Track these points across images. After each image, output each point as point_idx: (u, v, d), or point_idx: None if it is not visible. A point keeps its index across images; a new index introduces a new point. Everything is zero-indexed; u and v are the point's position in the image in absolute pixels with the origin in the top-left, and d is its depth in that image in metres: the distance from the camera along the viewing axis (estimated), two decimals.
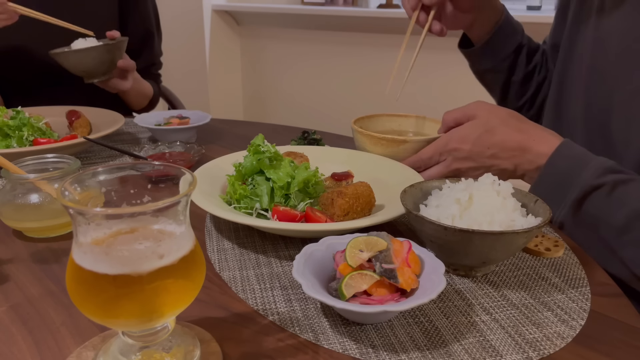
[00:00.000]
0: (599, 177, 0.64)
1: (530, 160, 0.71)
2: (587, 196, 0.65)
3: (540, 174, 0.69)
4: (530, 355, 0.49)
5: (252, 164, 0.72)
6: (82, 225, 0.40)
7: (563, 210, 0.67)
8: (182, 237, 0.42)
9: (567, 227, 0.68)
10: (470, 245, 0.56)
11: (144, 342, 0.44)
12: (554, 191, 0.68)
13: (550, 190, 0.68)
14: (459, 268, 0.61)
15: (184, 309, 0.44)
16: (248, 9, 3.15)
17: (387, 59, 2.81)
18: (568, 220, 0.67)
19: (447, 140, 0.75)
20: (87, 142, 0.95)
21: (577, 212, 0.66)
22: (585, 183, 0.64)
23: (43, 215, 0.68)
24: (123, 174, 0.46)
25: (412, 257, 0.53)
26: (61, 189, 0.40)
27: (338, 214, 0.68)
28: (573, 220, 0.67)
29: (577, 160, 0.67)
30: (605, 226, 0.64)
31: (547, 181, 0.68)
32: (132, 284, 0.39)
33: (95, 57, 1.15)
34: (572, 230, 0.68)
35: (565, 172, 0.67)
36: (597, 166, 0.65)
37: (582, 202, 0.65)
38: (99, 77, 1.20)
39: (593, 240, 0.67)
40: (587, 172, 0.65)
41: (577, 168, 0.67)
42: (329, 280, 0.54)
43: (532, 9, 2.49)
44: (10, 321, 0.52)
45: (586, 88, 0.82)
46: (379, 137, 0.83)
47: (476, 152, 0.73)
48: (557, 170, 0.68)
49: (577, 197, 0.65)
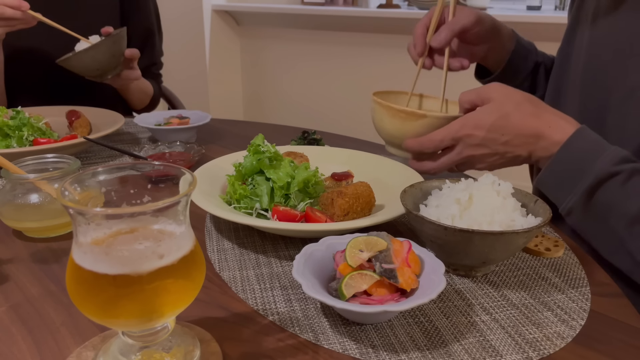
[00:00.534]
0: (615, 164, 0.63)
1: (544, 147, 0.70)
2: (602, 183, 0.64)
3: (553, 160, 0.68)
4: (530, 355, 0.49)
5: (252, 164, 0.72)
6: (82, 225, 0.40)
7: (574, 197, 0.66)
8: (182, 237, 0.42)
9: (575, 215, 0.67)
10: (470, 245, 0.56)
11: (144, 342, 0.44)
12: (566, 177, 0.67)
13: (562, 176, 0.67)
14: (459, 268, 0.61)
15: (184, 309, 0.44)
16: (248, 9, 3.15)
17: (387, 59, 2.81)
18: (578, 208, 0.66)
19: (460, 126, 0.73)
20: (87, 142, 0.95)
21: (589, 200, 0.65)
22: (601, 170, 0.64)
23: (43, 215, 0.68)
24: (123, 174, 0.46)
25: (412, 257, 0.53)
26: (61, 189, 0.40)
27: (338, 214, 0.68)
28: (583, 208, 0.66)
29: (593, 147, 0.66)
30: (617, 215, 0.63)
31: (559, 167, 0.68)
32: (132, 284, 0.39)
33: (105, 51, 1.14)
34: (579, 218, 0.67)
35: (580, 159, 0.66)
36: (614, 154, 0.64)
37: (596, 190, 0.64)
38: (111, 72, 1.20)
39: (600, 230, 0.66)
40: (604, 160, 0.64)
41: (593, 155, 0.66)
42: (329, 280, 0.54)
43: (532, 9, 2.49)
44: (10, 321, 0.52)
45: (582, 88, 0.82)
46: (398, 109, 0.79)
47: (490, 138, 0.71)
48: (571, 156, 0.67)
49: (592, 184, 0.64)
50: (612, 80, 0.76)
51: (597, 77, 0.79)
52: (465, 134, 0.72)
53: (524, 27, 2.00)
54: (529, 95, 0.73)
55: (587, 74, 0.81)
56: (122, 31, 1.18)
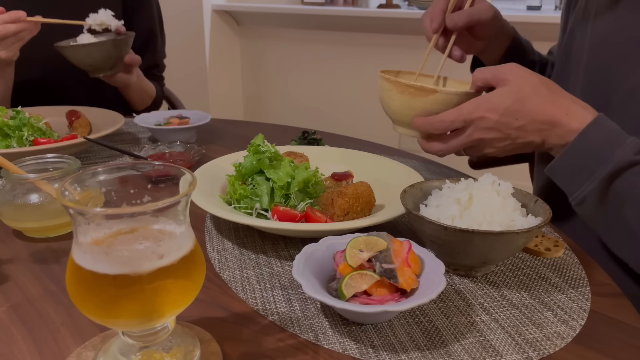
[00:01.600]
0: (637, 154, 0.62)
1: (559, 135, 0.68)
2: (622, 172, 0.62)
3: (569, 148, 0.66)
4: (530, 355, 0.49)
5: (252, 164, 0.72)
6: (82, 225, 0.40)
7: (591, 184, 0.64)
8: (182, 237, 0.42)
9: (588, 204, 0.66)
10: (470, 245, 0.56)
11: (144, 342, 0.44)
12: (582, 165, 0.65)
13: (578, 164, 0.66)
14: (459, 268, 0.61)
15: (184, 309, 0.44)
16: (248, 9, 3.16)
17: (386, 59, 2.81)
18: (593, 196, 0.65)
19: (474, 107, 0.69)
20: (87, 142, 0.95)
21: (606, 188, 0.64)
22: (621, 159, 0.62)
23: (43, 215, 0.67)
24: (123, 174, 0.46)
25: (412, 257, 0.53)
26: (61, 189, 0.40)
27: (338, 214, 0.68)
28: (599, 197, 0.64)
29: (612, 136, 0.65)
30: (632, 205, 0.62)
31: (575, 155, 0.66)
32: (132, 284, 0.39)
33: (102, 52, 1.14)
34: (591, 207, 0.66)
35: (598, 147, 0.65)
36: (635, 143, 0.63)
37: (615, 178, 0.63)
38: (104, 71, 1.19)
39: (612, 219, 0.65)
40: (625, 148, 0.63)
41: (612, 143, 0.64)
42: (329, 280, 0.54)
43: (532, 9, 2.50)
44: (10, 321, 0.52)
45: (583, 88, 0.82)
46: (407, 84, 0.75)
47: (503, 122, 0.68)
48: (589, 144, 0.65)
49: (611, 172, 0.62)
50: (613, 80, 0.76)
51: (598, 77, 0.79)
52: (478, 117, 0.69)
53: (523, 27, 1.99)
54: (546, 79, 0.70)
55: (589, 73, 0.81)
56: (128, 37, 1.18)
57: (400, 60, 2.85)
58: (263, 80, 3.42)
